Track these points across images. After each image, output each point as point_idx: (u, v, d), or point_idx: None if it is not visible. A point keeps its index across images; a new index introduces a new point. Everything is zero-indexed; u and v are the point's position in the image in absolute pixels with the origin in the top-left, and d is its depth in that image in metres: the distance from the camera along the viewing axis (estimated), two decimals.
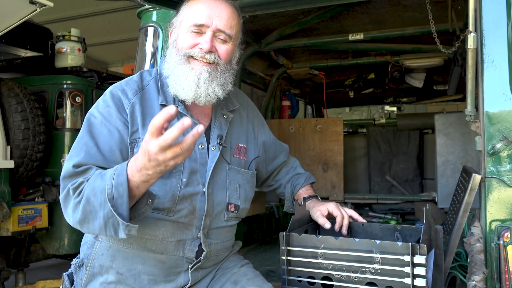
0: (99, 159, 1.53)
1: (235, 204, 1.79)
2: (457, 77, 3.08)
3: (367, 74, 4.56)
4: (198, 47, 1.65)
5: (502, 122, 1.82)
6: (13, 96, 4.52)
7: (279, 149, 2.14)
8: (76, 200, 1.45)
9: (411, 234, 1.96)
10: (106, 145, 1.56)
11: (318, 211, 1.98)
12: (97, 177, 1.43)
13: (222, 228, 1.78)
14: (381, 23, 3.09)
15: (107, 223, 1.40)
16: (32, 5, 3.65)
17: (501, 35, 1.84)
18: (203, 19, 1.65)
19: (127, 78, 1.75)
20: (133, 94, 1.66)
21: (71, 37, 5.52)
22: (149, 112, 1.64)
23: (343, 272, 1.69)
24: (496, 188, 1.81)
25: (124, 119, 1.61)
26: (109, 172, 1.42)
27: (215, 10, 1.67)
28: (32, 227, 4.59)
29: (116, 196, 1.36)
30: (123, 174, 1.37)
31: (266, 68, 4.05)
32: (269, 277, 2.38)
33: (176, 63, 1.66)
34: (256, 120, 2.02)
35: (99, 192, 1.39)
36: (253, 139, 1.96)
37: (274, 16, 2.90)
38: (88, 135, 1.57)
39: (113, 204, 1.36)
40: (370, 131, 4.57)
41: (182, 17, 1.71)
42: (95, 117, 1.61)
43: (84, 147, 1.55)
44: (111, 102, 1.63)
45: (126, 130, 1.60)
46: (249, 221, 3.23)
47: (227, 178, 1.77)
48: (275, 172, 2.15)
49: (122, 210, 1.37)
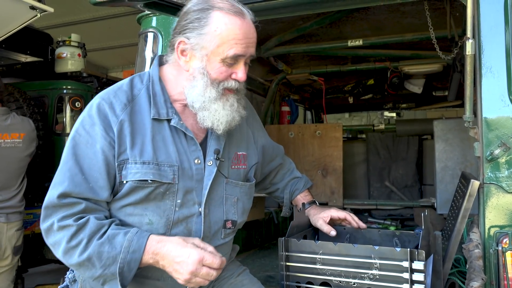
0: (84, 187, 1.46)
1: (232, 220, 1.71)
2: (457, 83, 3.09)
3: (366, 80, 4.58)
4: (233, 77, 1.56)
5: (500, 128, 1.82)
6: (13, 101, 4.52)
7: (276, 151, 2.08)
8: (68, 245, 1.41)
9: (410, 240, 1.96)
10: (91, 170, 1.47)
11: (320, 219, 1.97)
12: (104, 240, 1.41)
13: (219, 246, 1.68)
14: (380, 29, 3.10)
15: (99, 278, 1.43)
16: (33, 10, 3.65)
17: (499, 41, 1.85)
18: (243, 50, 1.54)
19: (116, 86, 1.62)
20: (121, 110, 1.53)
21: (71, 42, 5.52)
22: (139, 131, 1.54)
23: (342, 278, 1.69)
24: (495, 194, 1.82)
25: (110, 139, 1.49)
26: (119, 239, 1.41)
27: (249, 37, 1.56)
28: (31, 232, 4.58)
29: (126, 270, 1.40)
30: (139, 252, 1.40)
31: (266, 73, 4.06)
32: (268, 282, 2.38)
33: (214, 98, 1.55)
34: (255, 124, 1.95)
35: (105, 258, 1.40)
36: (253, 144, 1.87)
37: (274, 22, 2.91)
38: (72, 159, 1.48)
39: (121, 277, 1.39)
40: (369, 137, 4.57)
41: (215, 42, 1.51)
42: (80, 135, 1.51)
43: (68, 174, 1.46)
44: (97, 119, 1.51)
45: (112, 150, 1.49)
46: (248, 227, 3.22)
47: (224, 193, 1.68)
48: (272, 175, 2.09)
49: (126, 282, 1.40)
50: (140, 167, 1.50)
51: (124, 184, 1.50)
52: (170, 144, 1.56)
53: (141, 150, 1.51)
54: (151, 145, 1.53)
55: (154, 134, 1.55)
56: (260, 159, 1.93)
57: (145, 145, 1.52)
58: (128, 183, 1.50)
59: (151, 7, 2.11)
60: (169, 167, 1.54)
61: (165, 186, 1.53)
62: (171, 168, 1.54)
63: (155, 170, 1.51)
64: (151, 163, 1.51)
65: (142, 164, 1.50)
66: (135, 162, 1.50)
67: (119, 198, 1.52)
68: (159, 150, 1.54)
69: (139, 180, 1.49)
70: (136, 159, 1.50)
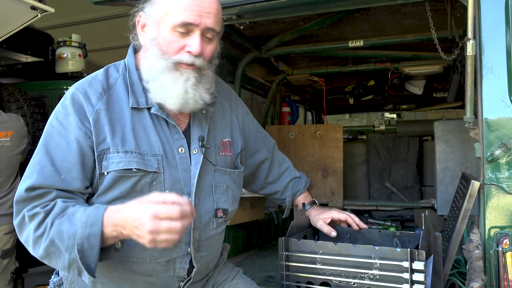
0: (55, 179, 1.39)
1: (223, 209, 1.65)
2: (457, 84, 3.09)
3: (367, 81, 4.58)
4: (186, 50, 1.46)
5: (501, 129, 1.82)
6: (14, 101, 4.52)
7: (263, 143, 1.98)
8: (36, 234, 1.34)
9: (410, 241, 1.96)
10: (63, 160, 1.41)
11: (320, 219, 1.97)
12: (64, 219, 1.32)
13: (211, 237, 1.64)
14: (381, 30, 3.10)
15: (71, 266, 1.32)
16: (34, 10, 3.65)
17: (500, 42, 1.85)
18: (192, 17, 1.43)
19: (91, 76, 1.56)
20: (97, 99, 1.47)
21: (72, 42, 5.52)
22: (118, 118, 1.48)
23: (342, 278, 1.69)
24: (495, 194, 1.82)
25: (86, 128, 1.43)
26: (79, 215, 1.31)
27: (203, 6, 1.45)
28: None
29: (87, 247, 1.28)
30: (97, 225, 1.28)
31: (266, 74, 4.07)
32: (268, 282, 2.38)
33: (162, 70, 1.48)
34: (240, 109, 1.86)
35: (66, 237, 1.30)
36: (237, 129, 1.80)
37: (274, 23, 2.91)
38: (43, 151, 1.42)
39: (82, 255, 1.28)
40: (369, 138, 4.58)
41: (162, 9, 1.46)
42: (52, 126, 1.45)
43: (38, 166, 1.40)
44: (71, 108, 1.45)
45: (87, 141, 1.43)
46: (248, 227, 3.23)
47: (213, 181, 1.62)
48: (262, 172, 2.00)
49: (90, 262, 1.29)
50: (123, 156, 1.44)
51: (105, 176, 1.44)
52: (152, 134, 1.51)
53: (122, 139, 1.46)
54: (132, 134, 1.47)
55: (134, 124, 1.49)
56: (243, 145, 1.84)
57: (126, 134, 1.47)
58: (111, 173, 1.44)
59: None
60: (153, 156, 1.49)
61: (150, 175, 1.48)
62: (154, 157, 1.49)
63: (139, 159, 1.46)
64: (134, 152, 1.46)
65: (125, 153, 1.45)
66: (117, 152, 1.44)
67: (103, 192, 1.46)
68: (141, 139, 1.49)
69: (123, 170, 1.44)
70: (118, 148, 1.45)
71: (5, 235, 3.51)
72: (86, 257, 1.28)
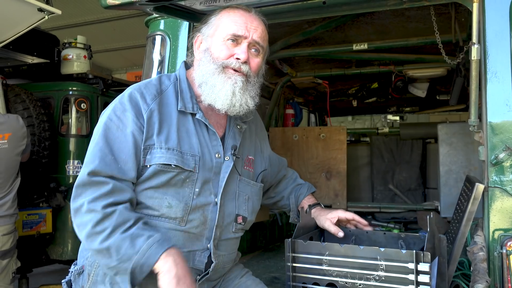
0: (114, 167, 1.54)
1: (243, 216, 1.80)
2: (459, 88, 3.11)
3: (371, 84, 4.60)
4: (235, 57, 1.67)
5: (505, 133, 1.84)
6: (20, 102, 4.56)
7: (281, 163, 2.18)
8: (93, 230, 1.47)
9: (415, 243, 1.97)
10: (121, 152, 1.56)
11: (327, 220, 2.00)
12: (126, 236, 1.46)
13: (230, 239, 1.78)
14: (385, 34, 3.12)
15: (114, 271, 1.48)
16: (41, 12, 3.68)
17: (504, 46, 1.87)
18: (242, 30, 1.68)
19: (146, 81, 1.74)
20: (151, 99, 1.65)
21: (77, 44, 5.56)
22: (166, 119, 1.65)
23: (348, 279, 1.71)
24: (499, 197, 1.84)
25: (140, 124, 1.60)
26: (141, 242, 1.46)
27: (252, 23, 1.71)
28: (36, 232, 4.60)
29: (138, 271, 1.45)
30: (153, 259, 1.45)
31: (271, 76, 4.08)
32: (273, 283, 2.40)
33: (212, 72, 1.67)
34: (262, 134, 2.05)
35: (123, 254, 1.45)
36: (259, 152, 1.98)
37: (279, 26, 2.93)
38: (103, 140, 1.57)
39: (132, 277, 1.45)
40: (373, 140, 4.59)
41: (216, 26, 1.72)
42: (111, 120, 1.61)
43: (99, 153, 1.54)
44: (128, 105, 1.62)
45: (141, 135, 1.59)
46: (252, 229, 3.22)
47: (237, 189, 1.78)
48: (274, 183, 2.17)
49: (135, 281, 1.46)
50: (165, 152, 1.60)
51: (147, 168, 1.60)
52: (193, 136, 1.68)
53: (167, 137, 1.62)
54: (176, 134, 1.64)
55: (179, 125, 1.67)
56: (268, 167, 2.03)
57: (171, 134, 1.63)
58: (152, 166, 1.59)
59: (160, 10, 2.13)
60: (191, 156, 1.65)
61: (186, 173, 1.63)
62: (193, 157, 1.65)
63: (178, 157, 1.61)
64: (175, 150, 1.62)
65: (167, 149, 1.61)
66: (160, 148, 1.60)
67: (141, 181, 1.61)
68: (183, 140, 1.65)
69: (163, 164, 1.59)
70: (162, 145, 1.61)
71: (3, 236, 3.51)
72: (134, 278, 1.46)
